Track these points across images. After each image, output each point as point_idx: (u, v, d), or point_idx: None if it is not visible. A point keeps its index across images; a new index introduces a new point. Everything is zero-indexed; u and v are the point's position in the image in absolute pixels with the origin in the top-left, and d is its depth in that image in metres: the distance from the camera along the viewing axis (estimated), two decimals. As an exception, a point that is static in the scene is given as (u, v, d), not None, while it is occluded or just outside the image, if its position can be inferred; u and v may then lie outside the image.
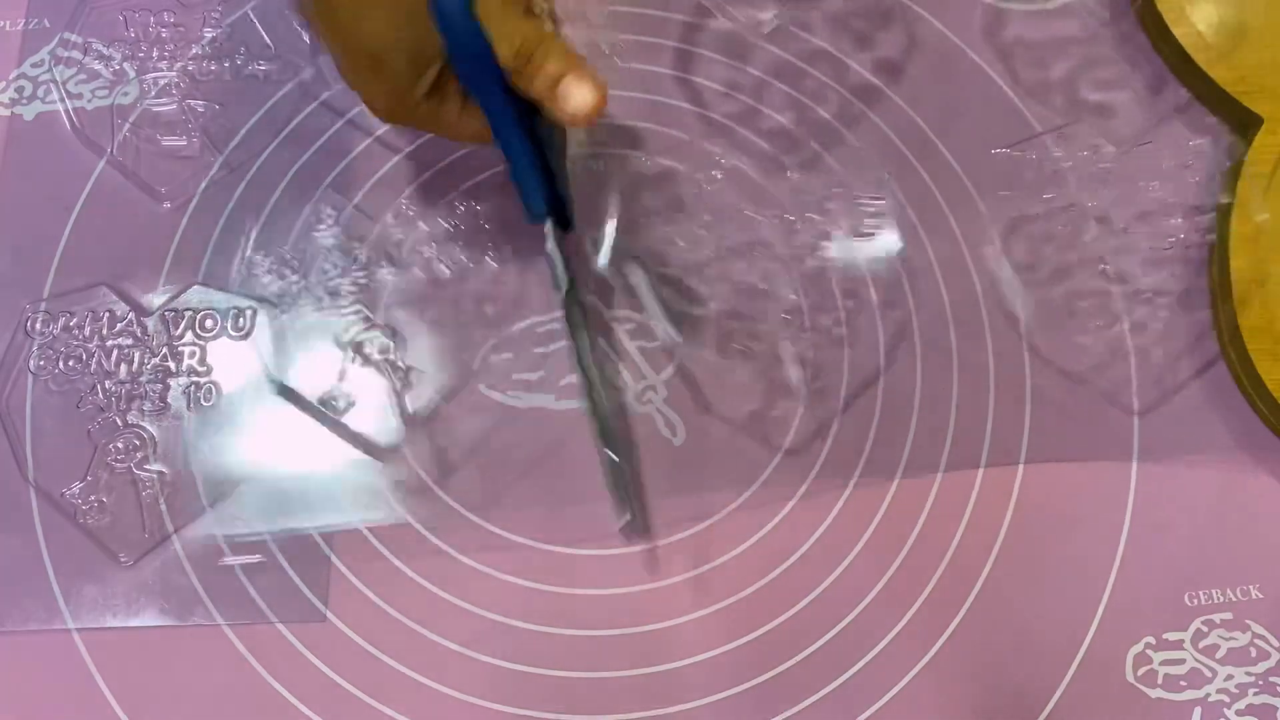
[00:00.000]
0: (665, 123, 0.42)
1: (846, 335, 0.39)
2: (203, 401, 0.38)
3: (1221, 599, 0.36)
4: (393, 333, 0.38)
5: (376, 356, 0.38)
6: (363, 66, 0.32)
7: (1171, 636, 0.36)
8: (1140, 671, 0.35)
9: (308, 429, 0.37)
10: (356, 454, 0.37)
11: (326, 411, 0.37)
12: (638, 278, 0.38)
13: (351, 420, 0.37)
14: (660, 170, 0.41)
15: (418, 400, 0.37)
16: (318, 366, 0.38)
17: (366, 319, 0.38)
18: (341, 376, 0.38)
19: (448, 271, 0.39)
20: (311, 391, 0.37)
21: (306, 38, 0.42)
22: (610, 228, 0.39)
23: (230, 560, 0.36)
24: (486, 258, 0.39)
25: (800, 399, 0.37)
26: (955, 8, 0.45)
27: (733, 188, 0.41)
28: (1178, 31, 0.43)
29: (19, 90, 0.42)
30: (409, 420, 0.37)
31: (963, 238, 0.41)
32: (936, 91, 0.43)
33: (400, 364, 0.38)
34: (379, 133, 0.41)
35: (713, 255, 0.39)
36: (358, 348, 0.38)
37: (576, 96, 0.32)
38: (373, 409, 0.37)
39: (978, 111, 0.43)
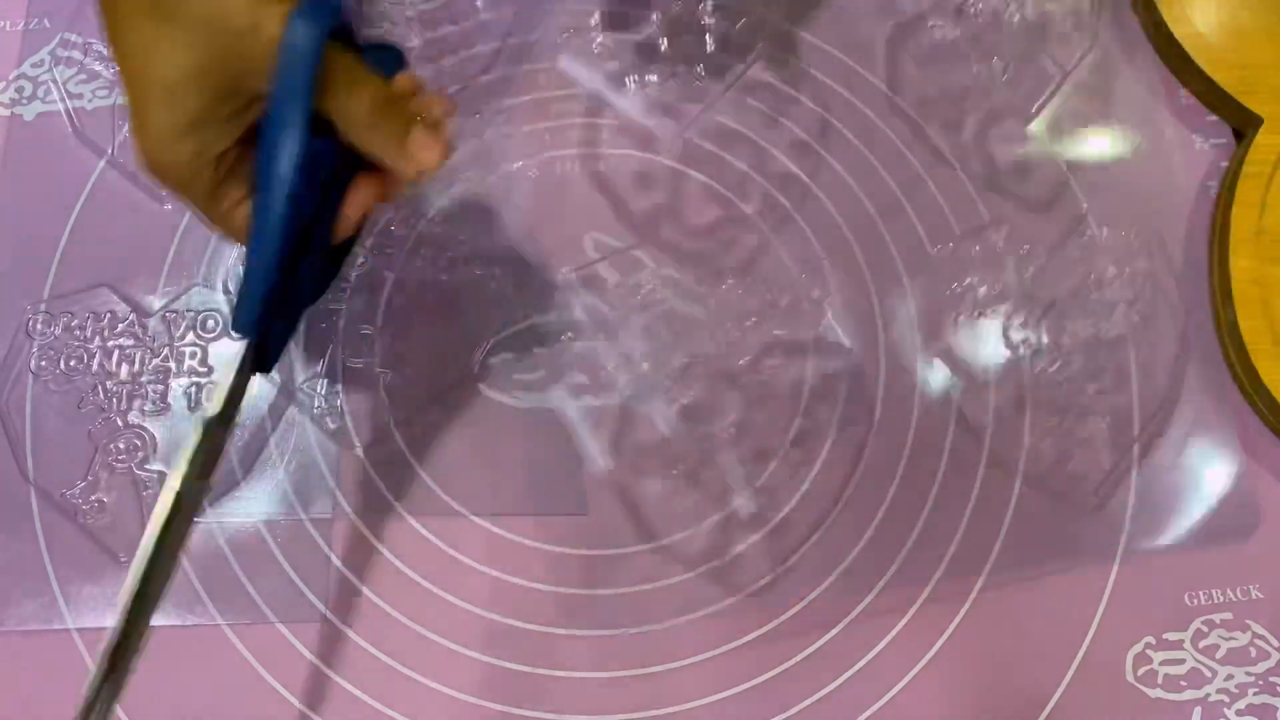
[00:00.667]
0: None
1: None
2: (204, 402, 0.38)
3: (1221, 599, 0.36)
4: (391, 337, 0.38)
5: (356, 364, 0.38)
6: (150, 98, 0.26)
7: (1171, 636, 0.36)
8: (1140, 671, 0.35)
9: (307, 429, 0.37)
10: (356, 453, 0.37)
11: (324, 417, 0.37)
12: (571, 409, 0.37)
13: (348, 422, 0.37)
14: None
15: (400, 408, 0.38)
16: (317, 368, 0.38)
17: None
18: (335, 382, 0.38)
19: (445, 275, 0.39)
20: (307, 397, 0.38)
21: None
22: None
23: (230, 560, 0.36)
24: (487, 257, 0.39)
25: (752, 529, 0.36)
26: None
27: (668, 296, 0.39)
28: (1178, 31, 0.43)
29: (19, 90, 0.42)
30: (403, 424, 0.37)
31: (902, 334, 0.39)
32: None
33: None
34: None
35: (649, 373, 0.38)
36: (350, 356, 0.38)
37: (428, 149, 0.28)
38: (364, 411, 0.38)
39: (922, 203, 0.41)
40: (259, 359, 0.30)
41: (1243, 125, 0.42)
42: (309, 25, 0.25)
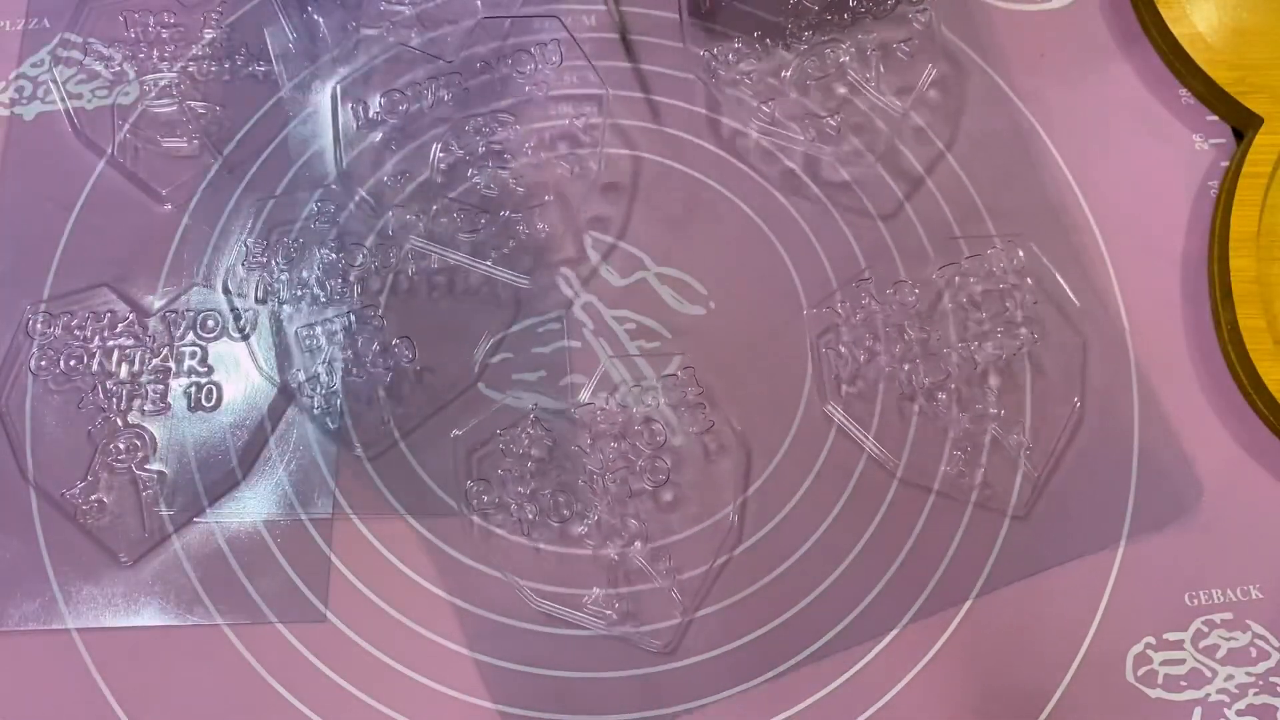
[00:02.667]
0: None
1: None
2: (204, 402, 0.38)
3: (1221, 599, 0.36)
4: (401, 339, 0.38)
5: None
6: None
7: (1171, 636, 0.36)
8: (1140, 671, 0.35)
9: (307, 429, 0.37)
10: (356, 453, 0.37)
11: (324, 417, 0.37)
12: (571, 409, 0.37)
13: (348, 422, 0.37)
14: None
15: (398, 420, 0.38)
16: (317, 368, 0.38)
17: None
18: (335, 382, 0.38)
19: (445, 275, 0.39)
20: (307, 397, 0.38)
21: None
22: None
23: (230, 560, 0.36)
24: (484, 258, 0.39)
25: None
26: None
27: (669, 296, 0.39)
28: (1178, 31, 0.43)
29: (19, 90, 0.42)
30: (403, 423, 0.37)
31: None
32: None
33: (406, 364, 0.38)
34: (378, 134, 0.41)
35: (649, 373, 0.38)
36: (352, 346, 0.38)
37: None
38: (364, 411, 0.38)
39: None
40: None
41: (1243, 125, 0.42)
42: None
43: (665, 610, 0.35)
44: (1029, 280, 0.39)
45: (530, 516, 0.35)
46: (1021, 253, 0.39)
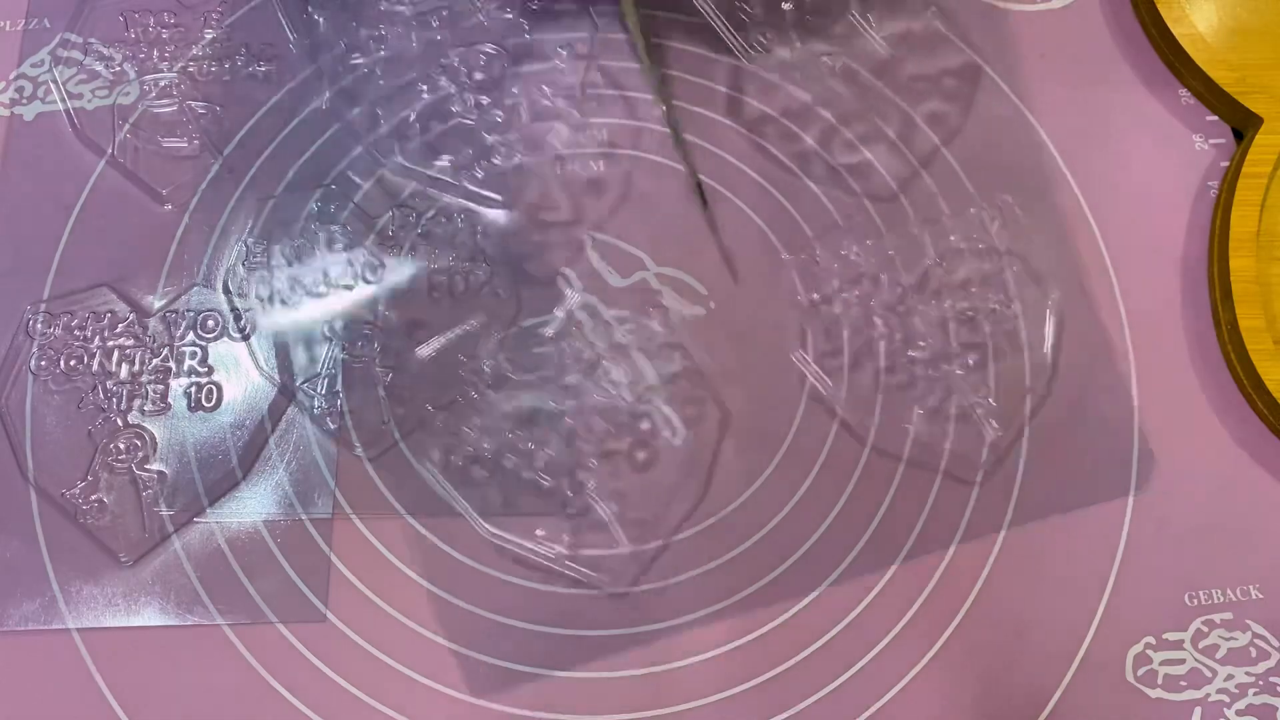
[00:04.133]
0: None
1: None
2: (204, 402, 0.38)
3: (1221, 599, 0.36)
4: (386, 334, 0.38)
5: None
6: None
7: (1171, 636, 0.36)
8: (1140, 671, 0.35)
9: (307, 429, 0.37)
10: (356, 453, 0.37)
11: (324, 417, 0.37)
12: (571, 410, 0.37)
13: (348, 422, 0.37)
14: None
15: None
16: (317, 368, 0.38)
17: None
18: (335, 382, 0.38)
19: (444, 275, 0.39)
20: (307, 397, 0.38)
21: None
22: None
23: (230, 560, 0.36)
24: (483, 258, 0.39)
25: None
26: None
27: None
28: (1178, 31, 0.43)
29: (19, 90, 0.42)
30: (403, 423, 0.37)
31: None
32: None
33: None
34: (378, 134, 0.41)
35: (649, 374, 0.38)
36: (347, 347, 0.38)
37: None
38: (364, 411, 0.38)
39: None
40: None
41: (1243, 125, 0.42)
42: None
43: (617, 551, 0.36)
44: (1007, 246, 0.39)
45: (486, 449, 0.35)
46: (1002, 216, 0.39)
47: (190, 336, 0.39)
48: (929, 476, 0.37)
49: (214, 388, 0.38)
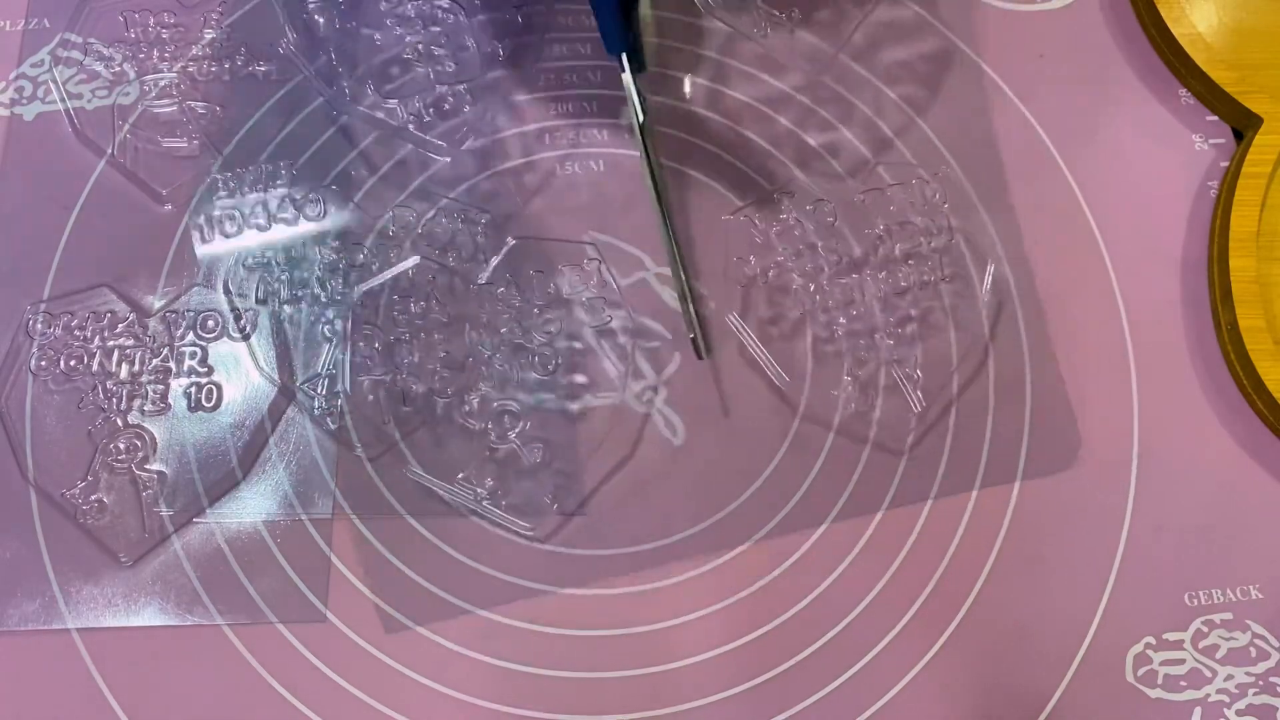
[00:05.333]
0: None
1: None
2: (204, 402, 0.38)
3: (1221, 599, 0.36)
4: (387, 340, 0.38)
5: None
6: None
7: (1171, 636, 0.36)
8: (1140, 671, 0.35)
9: (307, 429, 0.37)
10: (356, 453, 0.37)
11: (324, 417, 0.37)
12: (571, 410, 0.38)
13: (348, 422, 0.37)
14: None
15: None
16: (317, 368, 0.38)
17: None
18: (335, 382, 0.38)
19: (444, 276, 0.39)
20: (307, 397, 0.38)
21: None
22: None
23: (230, 560, 0.36)
24: (483, 258, 0.39)
25: None
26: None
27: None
28: (1177, 31, 0.43)
29: (19, 90, 0.42)
30: (403, 423, 0.37)
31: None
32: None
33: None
34: (379, 134, 0.41)
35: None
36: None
37: None
38: (364, 411, 0.38)
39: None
40: (635, 62, 0.40)
41: (1243, 125, 0.42)
42: None
43: (541, 500, 0.36)
44: (949, 218, 0.39)
45: (415, 389, 0.36)
46: (942, 188, 0.39)
47: (190, 336, 0.39)
48: (858, 448, 0.37)
49: (214, 388, 0.38)
